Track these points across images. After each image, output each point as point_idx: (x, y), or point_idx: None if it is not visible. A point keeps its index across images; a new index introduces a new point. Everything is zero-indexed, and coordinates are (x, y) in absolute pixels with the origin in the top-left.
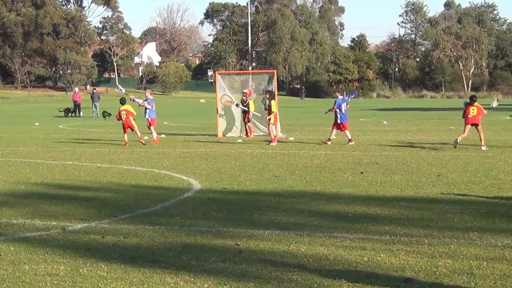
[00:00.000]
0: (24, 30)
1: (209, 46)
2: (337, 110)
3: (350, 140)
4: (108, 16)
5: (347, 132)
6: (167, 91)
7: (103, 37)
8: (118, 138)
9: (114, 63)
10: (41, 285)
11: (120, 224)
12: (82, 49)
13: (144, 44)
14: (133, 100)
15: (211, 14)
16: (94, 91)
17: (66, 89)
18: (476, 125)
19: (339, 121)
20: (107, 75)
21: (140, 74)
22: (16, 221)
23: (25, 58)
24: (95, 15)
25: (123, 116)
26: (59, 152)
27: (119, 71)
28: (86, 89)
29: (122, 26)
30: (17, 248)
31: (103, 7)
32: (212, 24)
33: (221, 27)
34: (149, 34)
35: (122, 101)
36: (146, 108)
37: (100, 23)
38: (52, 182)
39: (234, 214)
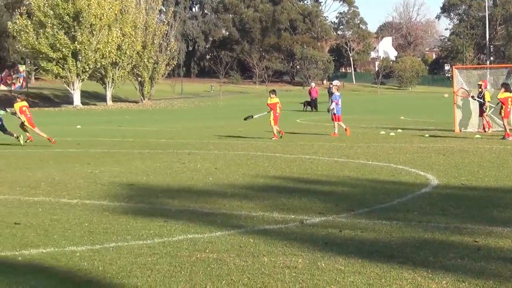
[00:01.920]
0: (261, 26)
1: (446, 40)
2: None
3: None
4: (344, 11)
5: None
6: (403, 86)
7: (339, 32)
8: (350, 136)
9: (350, 58)
10: (279, 277)
11: (358, 219)
12: (319, 44)
13: (380, 39)
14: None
15: (447, 8)
16: (331, 86)
17: (303, 84)
18: None
19: None
20: (343, 70)
21: (376, 68)
22: (255, 213)
23: (263, 54)
24: (331, 10)
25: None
26: (297, 146)
27: (355, 66)
28: (322, 84)
29: (358, 21)
30: (256, 240)
31: (339, 2)
32: (448, 18)
33: (457, 21)
34: (385, 29)
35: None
36: (332, 103)
37: (336, 18)
38: (290, 175)
39: (472, 210)
